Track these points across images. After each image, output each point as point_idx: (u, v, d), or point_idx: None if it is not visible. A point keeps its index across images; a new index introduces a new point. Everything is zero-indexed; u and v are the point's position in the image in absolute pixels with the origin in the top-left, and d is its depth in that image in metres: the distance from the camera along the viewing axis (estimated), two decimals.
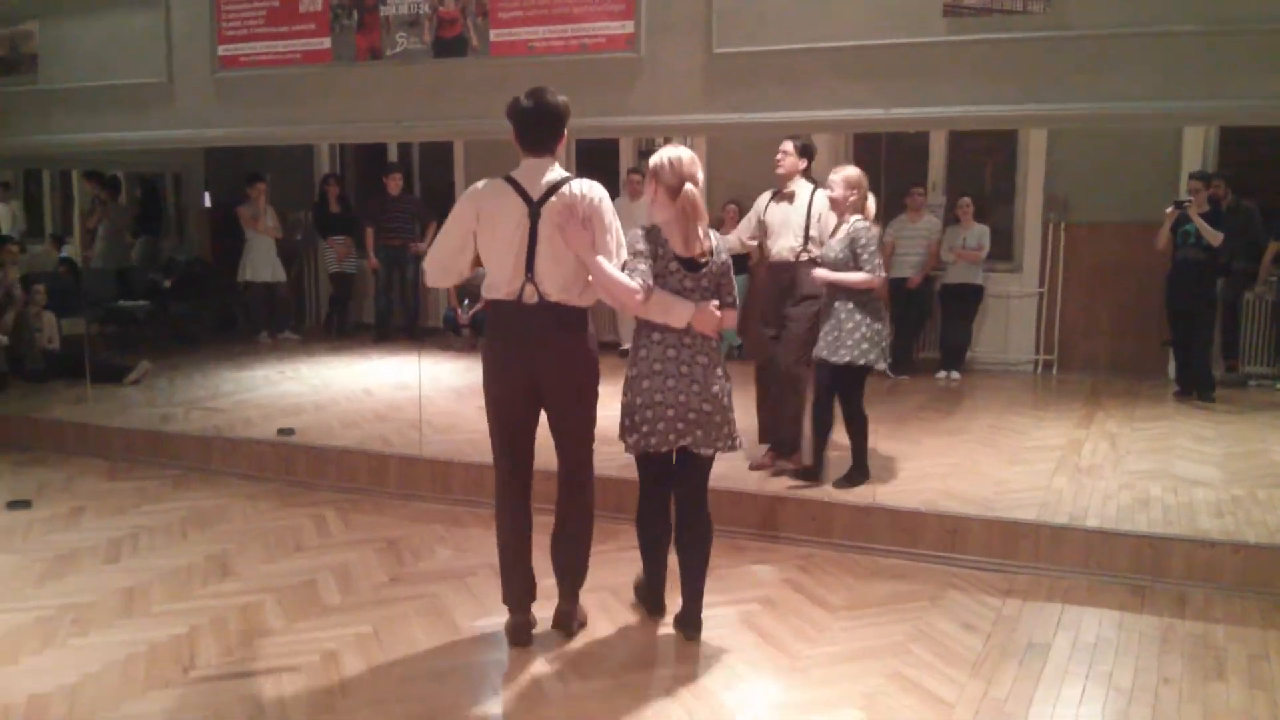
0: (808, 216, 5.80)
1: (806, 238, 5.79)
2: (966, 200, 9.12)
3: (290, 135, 7.28)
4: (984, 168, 9.97)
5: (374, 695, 3.70)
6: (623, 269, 3.82)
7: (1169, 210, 7.84)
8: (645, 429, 3.89)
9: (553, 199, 3.77)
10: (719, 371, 3.94)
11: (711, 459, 4.04)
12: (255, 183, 10.64)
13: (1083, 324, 9.07)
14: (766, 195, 6.00)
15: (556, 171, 3.83)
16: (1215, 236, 7.70)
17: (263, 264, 10.68)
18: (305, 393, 8.42)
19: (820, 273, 5.52)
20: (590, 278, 3.82)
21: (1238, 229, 8.15)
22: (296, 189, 11.78)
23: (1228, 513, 5.32)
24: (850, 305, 5.44)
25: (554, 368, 3.86)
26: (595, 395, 4.00)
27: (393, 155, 11.41)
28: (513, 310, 3.82)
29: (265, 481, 6.41)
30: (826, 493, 5.49)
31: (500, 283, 3.82)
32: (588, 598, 4.31)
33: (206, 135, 6.88)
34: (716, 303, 3.89)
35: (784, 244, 5.86)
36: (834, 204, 5.53)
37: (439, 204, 10.06)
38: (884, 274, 5.63)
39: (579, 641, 4.11)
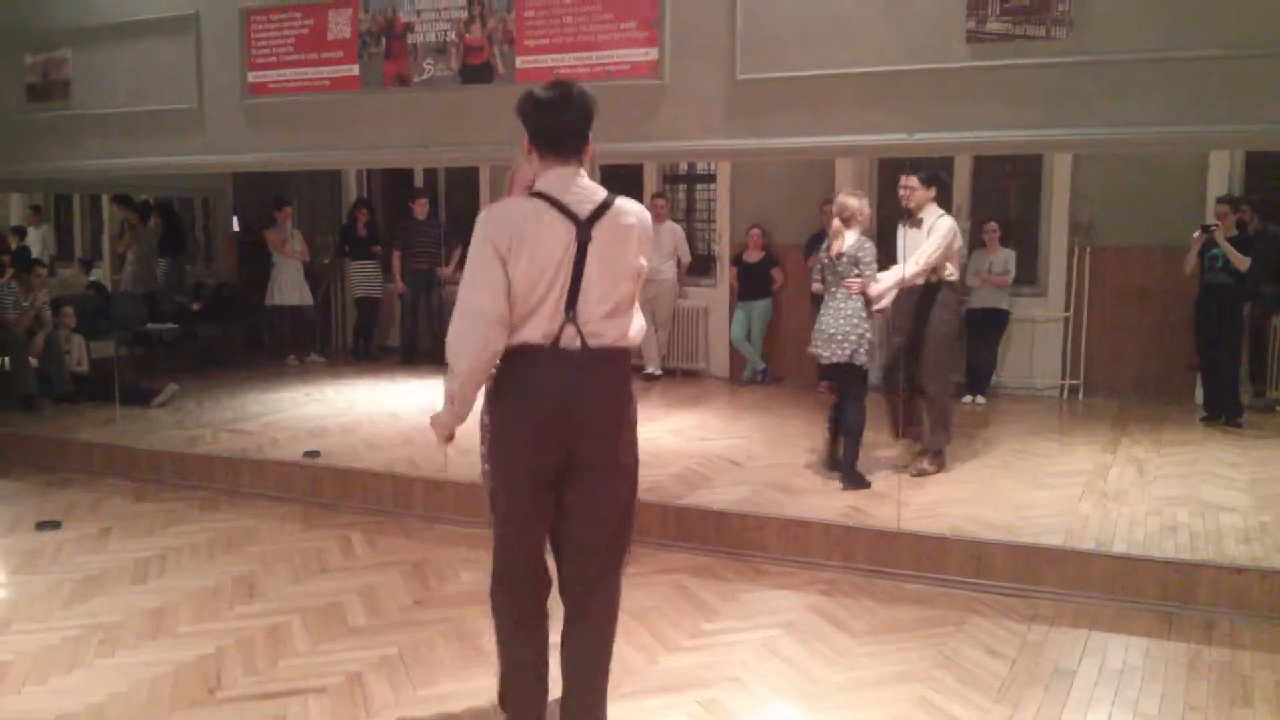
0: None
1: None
2: (993, 225, 9.11)
3: (318, 161, 7.39)
4: (1009, 192, 9.96)
5: (398, 718, 3.72)
6: None
7: (1196, 235, 7.81)
8: None
9: (606, 218, 3.11)
10: None
11: None
12: (282, 207, 10.76)
13: (1108, 348, 9.02)
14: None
15: (592, 183, 3.16)
16: (1242, 261, 7.68)
17: (290, 288, 10.78)
18: (331, 415, 8.47)
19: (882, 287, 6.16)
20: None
21: (1265, 254, 8.09)
22: (324, 213, 11.90)
23: (1255, 539, 5.28)
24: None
25: (595, 435, 3.16)
26: (637, 472, 3.33)
27: (419, 180, 11.49)
28: (546, 358, 3.10)
29: (292, 503, 6.45)
30: (850, 517, 5.49)
31: (531, 323, 3.09)
32: None
33: (236, 160, 6.99)
34: None
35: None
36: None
37: (464, 228, 10.10)
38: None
39: None
